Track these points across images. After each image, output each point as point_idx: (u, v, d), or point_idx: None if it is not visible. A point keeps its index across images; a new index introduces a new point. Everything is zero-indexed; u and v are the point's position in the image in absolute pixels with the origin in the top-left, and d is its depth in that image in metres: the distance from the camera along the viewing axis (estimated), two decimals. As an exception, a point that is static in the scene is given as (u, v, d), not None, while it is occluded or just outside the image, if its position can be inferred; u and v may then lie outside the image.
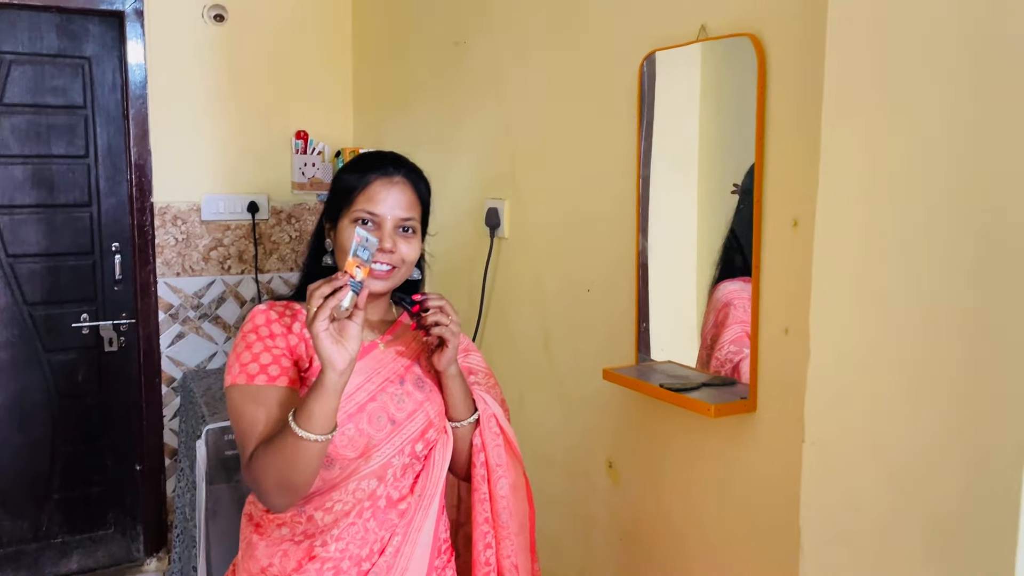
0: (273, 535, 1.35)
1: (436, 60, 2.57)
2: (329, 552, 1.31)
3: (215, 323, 3.21)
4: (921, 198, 0.92)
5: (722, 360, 1.45)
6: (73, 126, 2.99)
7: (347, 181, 1.40)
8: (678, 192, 1.57)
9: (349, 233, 1.34)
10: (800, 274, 1.27)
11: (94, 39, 2.99)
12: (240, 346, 1.33)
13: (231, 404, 1.31)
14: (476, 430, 1.43)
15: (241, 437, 1.29)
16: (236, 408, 1.30)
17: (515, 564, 1.45)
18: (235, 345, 1.35)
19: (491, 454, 1.43)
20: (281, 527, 1.35)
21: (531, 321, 2.09)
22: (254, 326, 1.34)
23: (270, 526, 1.36)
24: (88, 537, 3.17)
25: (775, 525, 1.36)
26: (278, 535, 1.35)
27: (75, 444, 3.11)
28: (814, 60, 1.20)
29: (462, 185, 2.40)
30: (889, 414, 0.96)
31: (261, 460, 1.24)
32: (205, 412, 2.56)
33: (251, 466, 1.26)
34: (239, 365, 1.31)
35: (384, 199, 1.36)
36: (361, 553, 1.32)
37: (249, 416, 1.28)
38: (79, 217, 3.03)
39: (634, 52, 1.62)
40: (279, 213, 3.26)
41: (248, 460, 1.27)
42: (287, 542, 1.34)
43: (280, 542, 1.34)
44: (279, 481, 1.23)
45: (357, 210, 1.36)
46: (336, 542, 1.32)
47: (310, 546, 1.32)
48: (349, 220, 1.36)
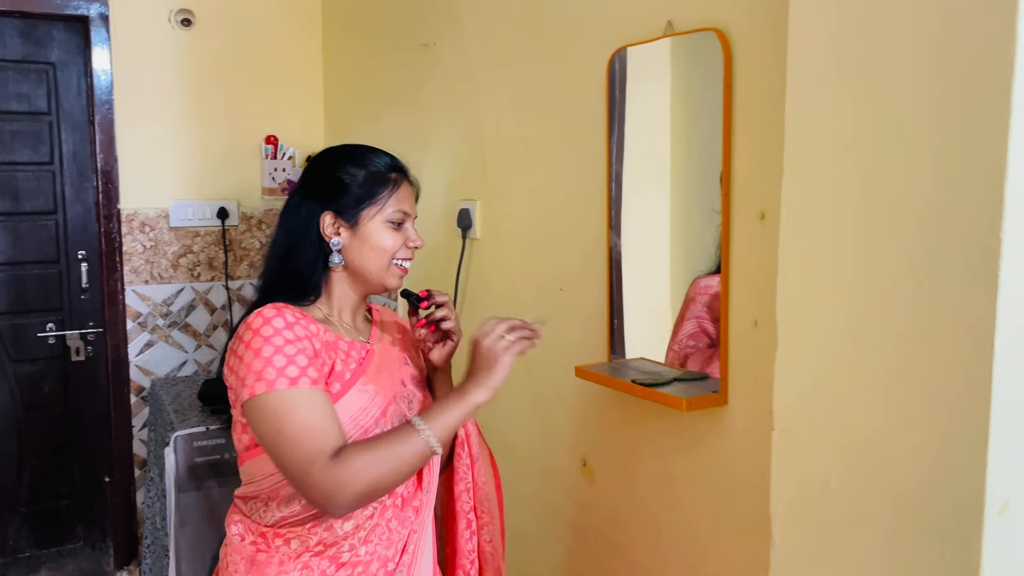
0: (282, 551, 1.30)
1: (406, 62, 2.56)
2: (360, 556, 1.30)
3: (185, 331, 3.17)
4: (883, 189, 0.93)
5: (677, 353, 1.47)
6: (38, 132, 2.95)
7: (370, 178, 1.37)
8: (649, 188, 1.57)
9: (386, 234, 1.37)
10: (768, 267, 1.28)
11: (59, 44, 2.95)
12: (267, 350, 1.23)
13: (269, 413, 1.22)
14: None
15: (298, 444, 1.20)
16: (282, 415, 1.21)
17: (495, 548, 1.50)
18: (256, 350, 1.24)
19: (474, 443, 1.46)
20: (290, 541, 1.30)
21: (504, 322, 2.09)
22: (276, 330, 1.25)
23: (275, 542, 1.30)
24: (57, 551, 3.11)
25: (749, 516, 1.36)
26: (288, 550, 1.30)
27: (42, 456, 3.05)
28: (779, 54, 1.22)
29: (434, 187, 2.39)
30: (854, 400, 0.97)
31: (356, 464, 1.20)
32: (174, 419, 2.52)
33: (335, 472, 1.19)
34: (275, 370, 1.22)
35: (409, 200, 1.42)
36: (388, 553, 1.33)
37: (305, 422, 1.21)
38: (44, 225, 2.99)
39: (602, 49, 1.63)
40: (249, 219, 3.24)
41: (326, 466, 1.19)
42: (306, 554, 1.29)
43: (295, 556, 1.29)
44: (377, 485, 1.22)
45: (394, 212, 1.38)
46: (365, 545, 1.31)
47: (336, 553, 1.30)
48: (384, 220, 1.37)
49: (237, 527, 1.36)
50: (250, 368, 1.23)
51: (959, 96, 0.85)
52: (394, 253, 1.38)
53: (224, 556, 1.38)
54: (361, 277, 1.39)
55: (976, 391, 0.83)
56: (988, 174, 0.81)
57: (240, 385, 1.24)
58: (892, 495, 0.93)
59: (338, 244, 1.37)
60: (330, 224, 1.37)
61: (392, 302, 2.71)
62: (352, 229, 1.37)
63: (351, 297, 1.41)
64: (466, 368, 1.33)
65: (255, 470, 1.32)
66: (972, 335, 0.84)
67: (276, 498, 1.31)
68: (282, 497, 1.30)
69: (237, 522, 1.36)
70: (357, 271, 1.38)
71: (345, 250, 1.37)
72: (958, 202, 0.85)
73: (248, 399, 1.23)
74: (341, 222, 1.37)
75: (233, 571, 1.33)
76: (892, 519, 0.93)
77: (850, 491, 0.97)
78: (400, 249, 1.39)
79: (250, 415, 1.24)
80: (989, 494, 0.84)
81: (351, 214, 1.36)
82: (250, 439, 1.32)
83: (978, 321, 0.83)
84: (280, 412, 1.22)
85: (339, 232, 1.37)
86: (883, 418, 0.94)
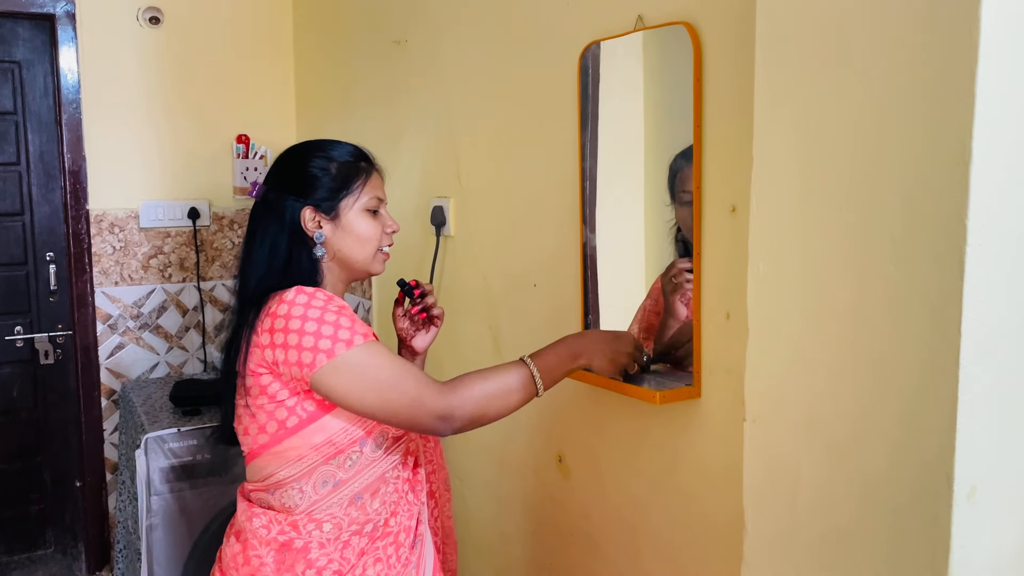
0: (315, 535, 1.34)
1: (377, 60, 2.55)
2: (391, 527, 1.39)
3: (156, 333, 3.13)
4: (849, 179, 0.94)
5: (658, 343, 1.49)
6: (3, 133, 2.90)
7: (344, 169, 1.41)
8: (622, 183, 1.58)
9: (365, 223, 1.40)
10: (739, 259, 1.29)
11: (24, 43, 2.91)
12: (330, 316, 1.28)
13: (357, 368, 1.27)
14: None
15: (403, 383, 1.28)
16: (373, 364, 1.28)
17: (451, 524, 1.64)
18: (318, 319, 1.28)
19: None
20: (323, 524, 1.34)
21: (479, 318, 2.09)
22: (326, 300, 1.31)
23: (307, 527, 1.34)
24: (27, 557, 3.06)
25: (723, 508, 1.37)
26: (321, 534, 1.34)
27: (11, 461, 3.01)
28: (748, 47, 1.22)
29: (407, 184, 2.38)
30: (823, 388, 0.97)
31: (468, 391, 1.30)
32: (145, 422, 2.49)
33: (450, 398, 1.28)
34: (347, 330, 1.28)
35: (379, 184, 1.46)
36: (411, 524, 1.43)
37: (395, 363, 1.29)
38: (11, 226, 2.94)
39: (572, 44, 1.63)
40: (221, 219, 3.21)
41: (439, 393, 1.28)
42: (344, 534, 1.35)
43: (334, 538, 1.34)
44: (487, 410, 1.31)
45: (369, 199, 1.42)
46: (394, 517, 1.40)
47: (373, 529, 1.37)
48: (362, 209, 1.41)
49: (260, 519, 1.36)
50: (320, 335, 1.27)
51: (923, 85, 0.86)
52: (377, 241, 1.42)
53: (240, 552, 1.37)
54: (347, 266, 1.43)
55: (943, 377, 0.84)
56: (953, 162, 0.82)
57: (311, 353, 1.26)
58: (861, 482, 0.94)
59: (321, 237, 1.39)
60: (311, 218, 1.39)
61: (367, 301, 2.70)
62: (333, 221, 1.40)
63: (340, 287, 1.45)
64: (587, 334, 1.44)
65: (291, 453, 1.33)
66: (938, 321, 0.84)
67: (311, 478, 1.33)
68: (317, 475, 1.33)
69: (260, 514, 1.37)
70: (343, 260, 1.42)
71: (328, 242, 1.40)
72: (923, 190, 0.86)
73: (329, 362, 1.26)
74: (321, 215, 1.39)
75: (259, 564, 1.34)
76: (861, 506, 0.94)
77: (820, 478, 0.98)
78: (381, 236, 1.43)
79: (335, 375, 1.27)
80: (957, 480, 0.84)
81: (329, 206, 1.39)
82: (279, 423, 1.32)
83: (944, 307, 0.84)
84: (372, 362, 1.28)
85: (320, 225, 1.39)
86: (851, 405, 0.94)
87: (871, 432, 0.92)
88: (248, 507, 1.39)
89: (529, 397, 1.34)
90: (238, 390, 1.36)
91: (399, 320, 1.59)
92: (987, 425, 0.86)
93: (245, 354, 1.33)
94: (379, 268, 1.45)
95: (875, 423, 0.92)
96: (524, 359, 1.36)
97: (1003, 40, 0.81)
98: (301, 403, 1.31)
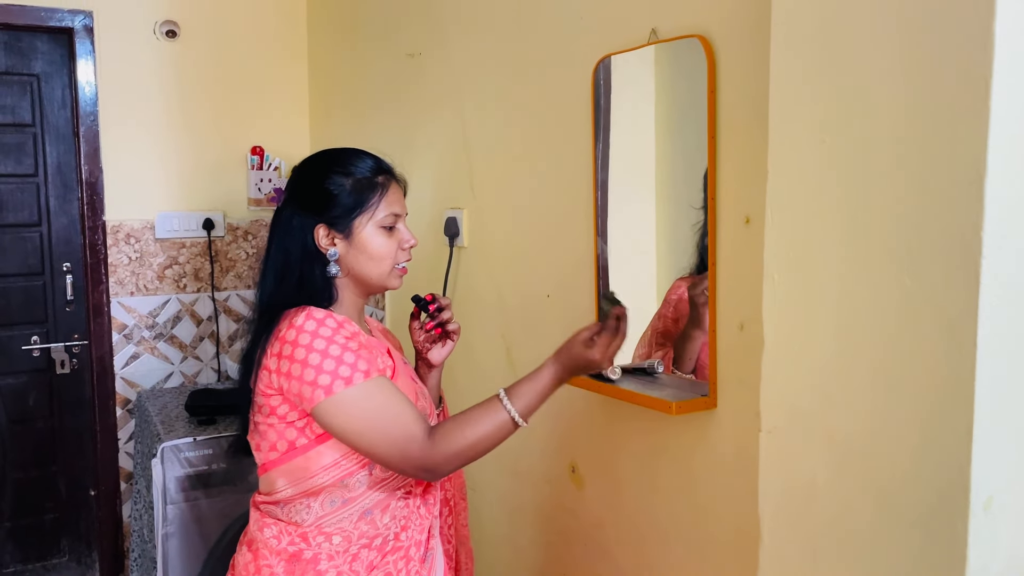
0: (325, 547, 1.34)
1: (391, 72, 2.57)
2: (401, 541, 1.39)
3: (171, 343, 3.15)
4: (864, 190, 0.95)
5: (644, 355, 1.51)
6: (22, 144, 2.93)
7: (358, 185, 1.38)
8: (635, 194, 1.59)
9: (380, 240, 1.38)
10: (754, 271, 1.30)
11: (43, 56, 2.94)
12: (334, 350, 1.27)
13: (353, 408, 1.26)
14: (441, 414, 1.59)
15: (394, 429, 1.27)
16: (368, 407, 1.27)
17: (467, 532, 1.62)
18: (324, 352, 1.27)
19: None
20: (332, 537, 1.34)
21: (492, 329, 2.09)
22: (333, 330, 1.29)
23: (317, 539, 1.34)
24: (42, 566, 3.08)
25: (738, 519, 1.37)
26: (331, 546, 1.34)
27: (26, 470, 3.03)
28: (762, 58, 1.23)
29: (421, 195, 2.40)
30: (839, 398, 0.98)
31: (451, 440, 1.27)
32: (161, 431, 2.51)
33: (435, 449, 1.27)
34: (348, 367, 1.26)
35: (399, 200, 1.43)
36: (421, 538, 1.42)
37: (393, 408, 1.28)
38: (29, 237, 2.97)
39: (587, 58, 1.64)
40: (235, 230, 3.23)
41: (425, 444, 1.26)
42: (353, 547, 1.34)
43: (342, 551, 1.34)
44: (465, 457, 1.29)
45: (386, 215, 1.39)
46: (404, 531, 1.39)
47: (383, 543, 1.37)
48: (377, 226, 1.38)
49: (271, 530, 1.37)
50: (321, 369, 1.26)
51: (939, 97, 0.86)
52: (393, 257, 1.40)
53: (251, 561, 1.38)
54: (363, 282, 1.41)
55: (959, 387, 0.84)
56: (968, 173, 0.83)
57: (311, 388, 1.26)
58: (877, 492, 0.94)
59: (334, 255, 1.37)
60: (324, 236, 1.37)
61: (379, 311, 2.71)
62: (347, 239, 1.37)
63: (357, 302, 1.44)
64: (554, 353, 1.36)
65: (300, 472, 1.33)
66: (954, 332, 0.85)
67: (319, 496, 1.34)
68: (325, 494, 1.33)
69: (271, 525, 1.37)
70: (358, 277, 1.40)
71: (342, 260, 1.38)
72: (939, 201, 0.87)
73: (327, 399, 1.25)
74: (335, 233, 1.37)
75: (270, 574, 1.35)
76: (877, 516, 0.94)
77: (836, 489, 0.98)
78: (397, 252, 1.41)
79: (332, 413, 1.26)
80: (974, 490, 0.85)
81: (343, 224, 1.37)
82: (289, 443, 1.32)
83: (960, 318, 0.84)
84: (365, 404, 1.26)
85: (334, 243, 1.37)
86: (868, 416, 0.95)
87: (887, 442, 0.93)
88: (260, 517, 1.40)
89: (510, 431, 1.31)
90: (252, 405, 1.37)
91: (415, 334, 1.58)
92: (1004, 435, 0.86)
93: (255, 375, 1.34)
94: (396, 284, 1.42)
95: (891, 433, 0.92)
96: (500, 397, 1.31)
97: (1018, 51, 0.82)
98: (310, 424, 1.31)
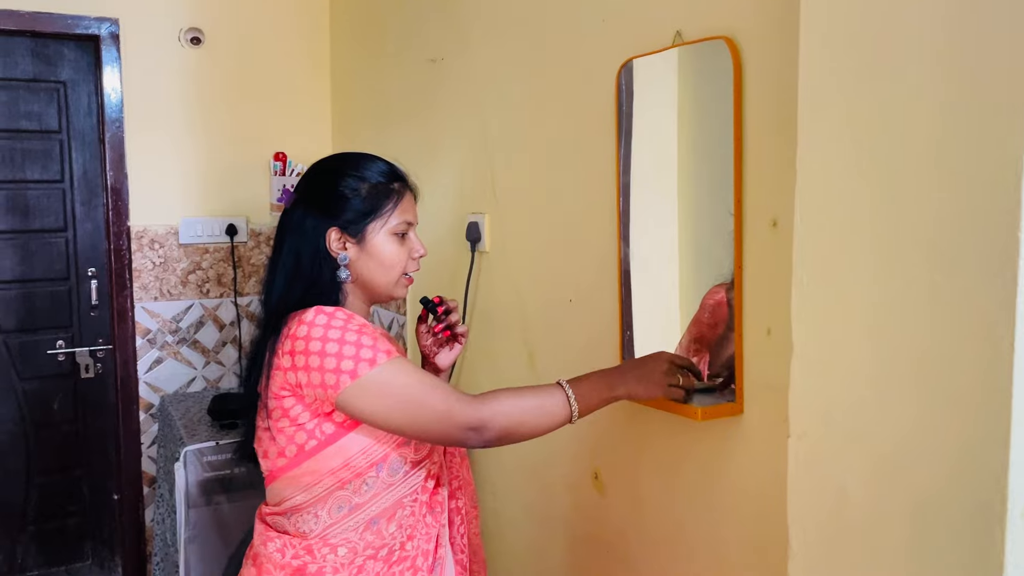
0: (330, 559, 1.32)
1: (413, 78, 2.58)
2: (408, 551, 1.35)
3: (193, 347, 3.17)
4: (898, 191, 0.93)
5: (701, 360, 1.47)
6: (48, 151, 2.97)
7: (374, 191, 1.37)
8: (659, 198, 1.57)
9: (391, 247, 1.37)
10: (780, 275, 1.28)
11: (69, 63, 2.98)
12: (351, 336, 1.26)
13: (384, 387, 1.25)
14: None
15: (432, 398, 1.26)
16: (400, 383, 1.26)
17: (479, 541, 1.60)
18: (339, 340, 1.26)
19: None
20: (337, 549, 1.32)
21: (514, 334, 2.09)
22: (346, 320, 1.29)
23: (322, 551, 1.32)
24: (65, 569, 3.10)
25: (765, 527, 1.35)
26: (336, 558, 1.32)
27: (50, 474, 3.05)
28: (789, 58, 1.22)
29: (442, 200, 2.40)
30: (872, 404, 0.96)
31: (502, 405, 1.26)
32: (184, 435, 2.52)
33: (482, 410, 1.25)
34: (370, 349, 1.26)
35: (411, 207, 1.42)
36: (429, 547, 1.39)
37: (427, 380, 1.28)
38: (54, 242, 3.00)
39: (610, 61, 1.64)
40: (258, 235, 3.25)
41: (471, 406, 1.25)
42: (358, 559, 1.32)
43: (348, 563, 1.32)
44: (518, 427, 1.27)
45: (398, 223, 1.38)
46: (410, 541, 1.36)
47: (388, 553, 1.34)
48: (389, 232, 1.38)
49: (275, 543, 1.35)
50: (342, 355, 1.25)
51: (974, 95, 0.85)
52: (402, 266, 1.40)
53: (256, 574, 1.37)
54: (369, 289, 1.40)
55: (996, 392, 0.82)
56: (1005, 172, 0.81)
57: (335, 375, 1.25)
58: (912, 500, 0.92)
59: (345, 259, 1.37)
60: (336, 240, 1.36)
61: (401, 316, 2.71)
62: (359, 244, 1.36)
63: (362, 308, 1.43)
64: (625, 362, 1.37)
65: (308, 477, 1.31)
66: (991, 336, 0.83)
67: (326, 502, 1.32)
68: (332, 500, 1.32)
69: (275, 538, 1.36)
70: (366, 283, 1.39)
71: (352, 264, 1.37)
72: (975, 202, 0.85)
73: (352, 383, 1.24)
74: (347, 237, 1.36)
75: None
76: (912, 524, 0.92)
77: (868, 497, 0.96)
78: (407, 261, 1.41)
79: (359, 396, 1.25)
80: (1011, 497, 0.82)
81: (356, 229, 1.36)
82: (299, 447, 1.31)
83: (997, 321, 0.82)
84: (397, 380, 1.25)
85: (345, 247, 1.37)
86: (901, 422, 0.93)
87: (921, 448, 0.91)
88: (264, 530, 1.39)
89: (563, 421, 1.29)
90: (259, 412, 1.35)
91: (422, 337, 1.58)
92: (1042, 442, 0.84)
93: (267, 378, 1.32)
94: (401, 292, 1.42)
95: (925, 439, 0.90)
96: (560, 382, 1.31)
97: (1056, 50, 0.80)
98: (320, 425, 1.30)
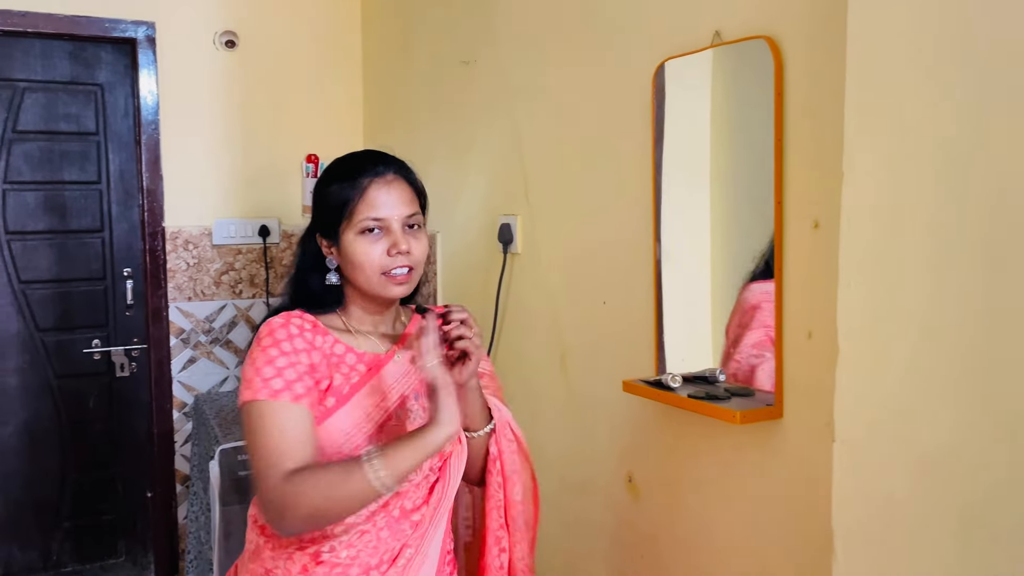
0: (274, 541, 1.35)
1: (445, 80, 2.58)
2: (339, 558, 1.31)
3: (226, 347, 3.20)
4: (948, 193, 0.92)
5: (741, 364, 1.44)
6: (85, 152, 3.01)
7: (339, 192, 1.33)
8: (695, 199, 1.56)
9: (362, 246, 1.31)
10: (821, 277, 1.26)
11: (107, 66, 3.02)
12: (260, 360, 1.26)
13: (249, 421, 1.24)
14: (492, 438, 1.42)
15: (262, 456, 1.22)
16: (257, 425, 1.23)
17: (527, 565, 1.47)
18: (253, 359, 1.28)
19: (507, 461, 1.43)
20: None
21: (546, 336, 2.08)
22: (275, 340, 1.28)
23: (272, 531, 1.35)
24: (99, 566, 3.14)
25: (805, 533, 1.33)
26: (278, 543, 1.34)
27: (85, 471, 3.10)
28: (832, 58, 1.20)
29: (474, 202, 2.40)
30: (919, 408, 0.94)
31: (302, 487, 1.18)
32: (218, 433, 2.54)
33: (284, 490, 1.18)
34: (261, 380, 1.24)
35: (385, 201, 1.32)
36: (371, 561, 1.32)
37: (274, 435, 1.22)
38: (91, 243, 3.04)
39: (647, 62, 1.63)
40: (290, 236, 3.27)
41: (278, 482, 1.19)
42: (292, 547, 1.33)
43: (286, 546, 1.34)
44: (316, 514, 1.20)
45: (362, 220, 1.31)
46: (347, 548, 1.31)
47: (316, 551, 1.32)
48: (356, 232, 1.31)
49: (252, 511, 1.42)
50: (244, 375, 1.28)
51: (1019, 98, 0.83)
52: (379, 264, 1.31)
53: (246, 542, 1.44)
54: (362, 292, 1.37)
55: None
56: (1064, 174, 0.79)
57: (240, 387, 1.29)
58: (959, 505, 0.90)
59: (333, 264, 1.37)
60: (325, 246, 1.37)
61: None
62: (338, 248, 1.34)
63: (368, 307, 1.40)
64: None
65: None
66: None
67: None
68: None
69: (254, 505, 1.41)
70: (355, 286, 1.37)
71: (341, 268, 1.37)
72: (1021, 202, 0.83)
73: (240, 402, 1.28)
74: (330, 242, 1.36)
75: (245, 551, 1.42)
76: (960, 530, 0.90)
77: (915, 502, 0.95)
78: (382, 258, 1.31)
79: (242, 415, 1.28)
80: (1066, 505, 0.81)
81: (332, 233, 1.35)
82: None
83: (1054, 326, 0.80)
84: (256, 422, 1.24)
85: (331, 252, 1.37)
86: (950, 426, 0.91)
87: (970, 455, 0.89)
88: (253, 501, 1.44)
89: (371, 499, 1.22)
90: None
91: None
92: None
93: None
94: (393, 292, 1.33)
95: (975, 446, 0.88)
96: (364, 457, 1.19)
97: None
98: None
